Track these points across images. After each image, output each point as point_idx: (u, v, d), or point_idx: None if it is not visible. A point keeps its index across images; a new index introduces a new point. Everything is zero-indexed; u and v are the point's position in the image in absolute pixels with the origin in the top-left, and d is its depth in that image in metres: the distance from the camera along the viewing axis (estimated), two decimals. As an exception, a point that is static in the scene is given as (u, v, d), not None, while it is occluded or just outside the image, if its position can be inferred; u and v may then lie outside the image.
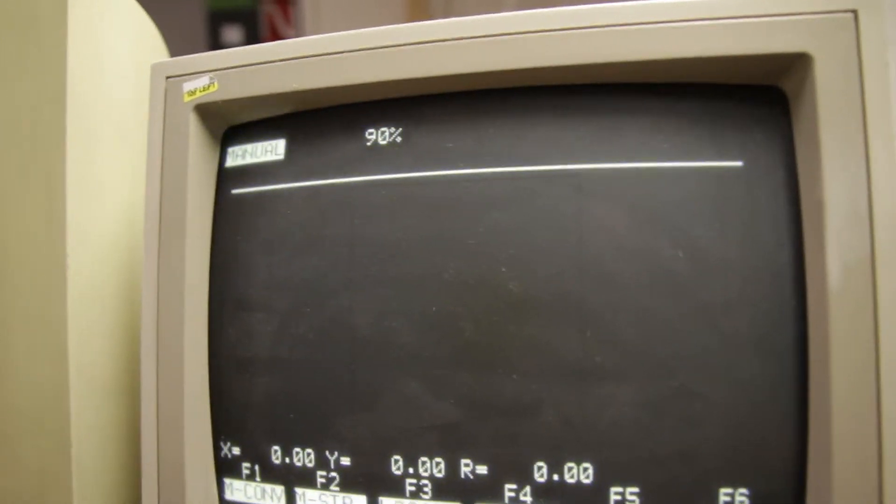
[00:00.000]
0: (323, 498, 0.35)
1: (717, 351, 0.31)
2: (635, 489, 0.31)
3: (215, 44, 1.86)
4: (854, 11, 0.30)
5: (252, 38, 1.90)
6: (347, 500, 0.35)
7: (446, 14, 0.34)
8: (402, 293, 0.34)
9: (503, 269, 0.33)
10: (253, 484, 0.37)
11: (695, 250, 0.31)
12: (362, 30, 0.35)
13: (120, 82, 0.45)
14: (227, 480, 0.38)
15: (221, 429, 0.38)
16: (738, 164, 0.32)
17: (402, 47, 0.35)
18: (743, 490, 0.31)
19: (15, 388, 0.39)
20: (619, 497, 0.31)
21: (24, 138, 0.40)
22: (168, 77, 0.39)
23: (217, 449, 0.38)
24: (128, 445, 0.43)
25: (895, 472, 0.28)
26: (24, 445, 0.39)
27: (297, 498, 0.36)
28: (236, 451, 0.37)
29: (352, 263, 0.35)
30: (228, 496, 0.38)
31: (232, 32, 1.93)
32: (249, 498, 0.37)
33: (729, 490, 0.31)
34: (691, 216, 0.32)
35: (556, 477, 0.32)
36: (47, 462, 0.39)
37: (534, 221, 0.33)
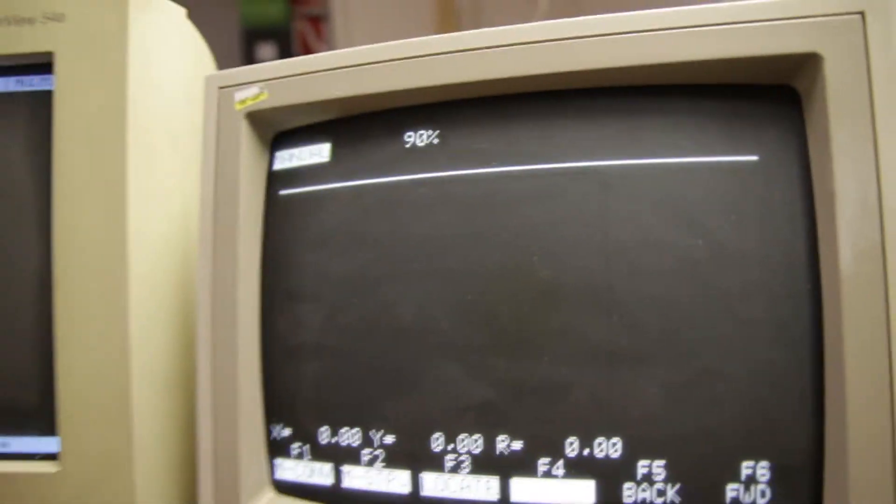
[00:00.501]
0: (368, 474, 0.38)
1: (737, 334, 0.33)
2: (661, 462, 0.33)
3: (249, 60, 1.91)
4: (861, 13, 0.32)
5: (285, 54, 1.94)
6: (391, 476, 0.37)
7: (475, 27, 0.37)
8: (440, 284, 0.37)
9: (535, 259, 0.35)
10: (302, 463, 0.40)
11: (714, 240, 0.34)
12: (402, 40, 0.38)
13: (174, 93, 0.48)
14: (277, 460, 0.41)
15: (273, 412, 0.41)
16: (754, 158, 0.34)
17: (438, 56, 0.37)
18: (764, 463, 0.33)
19: (82, 379, 0.42)
20: (646, 470, 0.34)
21: (89, 147, 0.43)
22: (220, 87, 0.42)
23: (268, 431, 0.41)
24: (185, 430, 0.46)
25: (907, 444, 0.30)
26: (89, 431, 0.42)
27: (344, 475, 0.38)
28: (287, 432, 0.40)
29: (393, 257, 0.38)
30: (279, 475, 0.41)
31: (266, 49, 1.98)
32: (299, 476, 0.40)
33: (751, 463, 0.33)
34: (710, 208, 0.34)
35: (586, 451, 0.34)
36: (111, 446, 0.42)
37: (563, 215, 0.35)
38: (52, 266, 0.42)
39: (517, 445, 0.35)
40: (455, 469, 0.36)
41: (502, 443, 0.35)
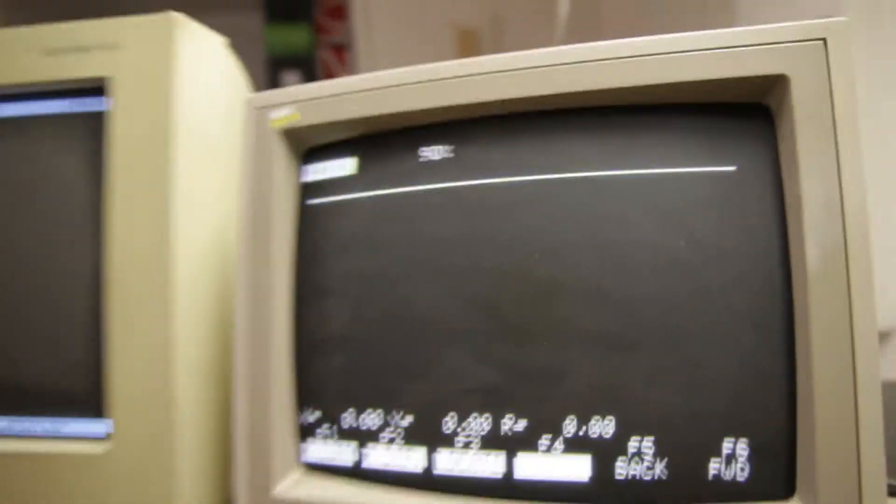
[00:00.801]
0: (387, 453, 0.42)
1: (717, 325, 0.37)
2: (650, 439, 0.37)
3: (275, 87, 1.97)
4: (824, 39, 0.36)
5: (309, 82, 2.00)
6: (409, 453, 0.41)
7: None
8: (452, 281, 0.41)
9: (535, 258, 0.39)
10: (328, 444, 0.44)
11: (696, 241, 0.38)
12: (419, 66, 0.43)
13: (214, 113, 0.53)
14: (306, 442, 0.45)
15: (302, 399, 0.45)
16: (732, 168, 0.38)
17: (451, 80, 0.42)
18: (743, 440, 0.36)
19: (130, 368, 0.47)
20: (636, 447, 0.37)
21: (138, 161, 0.48)
22: (257, 108, 0.47)
23: (298, 416, 0.45)
24: (222, 416, 0.50)
25: (868, 422, 0.34)
26: (136, 416, 0.46)
27: (365, 454, 0.43)
28: (314, 416, 0.44)
29: (411, 258, 0.42)
30: (307, 457, 0.45)
31: (290, 76, 2.05)
32: (324, 457, 0.44)
33: (731, 440, 0.36)
34: (692, 213, 0.38)
35: (582, 430, 0.38)
36: (155, 430, 0.46)
37: (560, 219, 0.40)
38: (105, 268, 0.47)
39: (521, 424, 0.39)
40: (466, 446, 0.40)
41: (508, 422, 0.39)
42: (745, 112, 0.38)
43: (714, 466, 0.37)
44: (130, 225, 0.48)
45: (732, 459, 0.36)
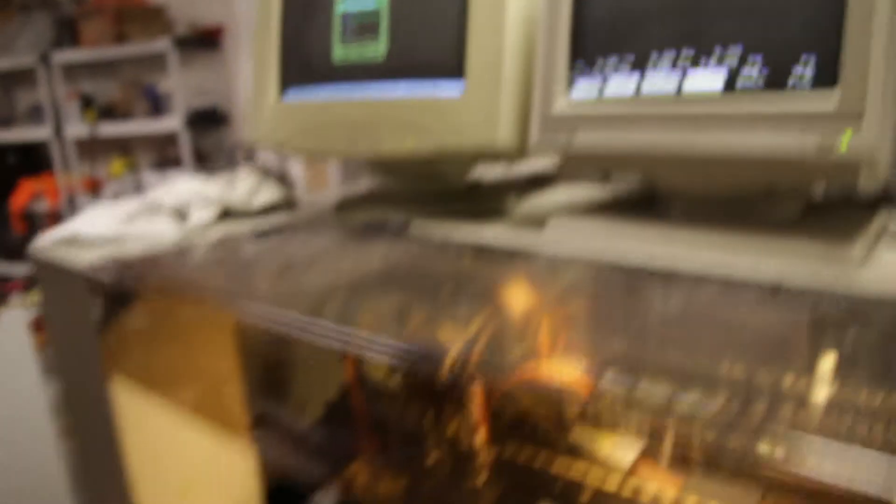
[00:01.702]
0: (620, 79, 0.78)
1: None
2: (758, 56, 0.69)
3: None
4: None
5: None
6: (630, 79, 0.77)
7: None
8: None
9: (708, -37, 0.72)
10: (586, 83, 0.81)
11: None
12: None
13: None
14: (573, 84, 0.82)
15: (574, 57, 0.82)
16: None
17: None
18: (812, 55, 0.67)
19: (481, 48, 0.87)
20: (753, 61, 0.69)
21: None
22: None
23: (571, 69, 0.82)
24: (527, 72, 0.89)
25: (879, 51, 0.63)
26: (481, 78, 0.87)
27: (607, 84, 0.79)
28: (580, 65, 0.82)
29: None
30: (572, 94, 0.82)
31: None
32: (583, 94, 0.81)
33: (806, 56, 0.67)
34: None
35: (724, 54, 0.71)
36: (491, 87, 0.87)
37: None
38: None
39: (690, 53, 0.73)
40: (661, 68, 0.75)
41: (684, 53, 0.73)
42: None
43: (796, 70, 0.68)
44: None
45: (806, 65, 0.67)
